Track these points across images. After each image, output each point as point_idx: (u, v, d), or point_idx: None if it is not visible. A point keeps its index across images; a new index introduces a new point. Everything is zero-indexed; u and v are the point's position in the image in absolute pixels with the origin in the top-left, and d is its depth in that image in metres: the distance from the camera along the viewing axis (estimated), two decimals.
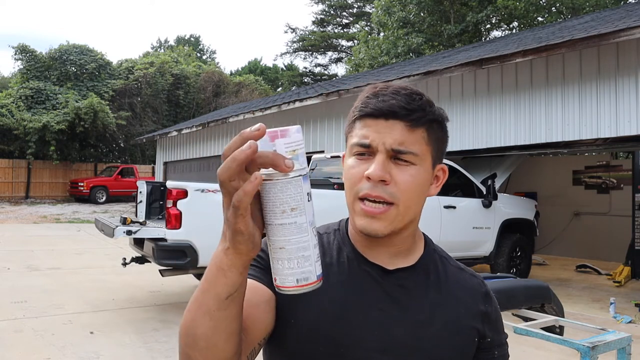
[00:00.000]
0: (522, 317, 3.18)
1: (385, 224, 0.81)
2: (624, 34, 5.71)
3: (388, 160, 0.81)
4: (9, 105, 22.11)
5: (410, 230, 0.88)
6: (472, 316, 0.89)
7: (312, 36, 36.43)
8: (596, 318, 5.74)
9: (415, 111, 0.81)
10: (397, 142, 0.80)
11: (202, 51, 45.86)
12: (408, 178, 0.81)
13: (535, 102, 7.17)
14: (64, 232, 13.58)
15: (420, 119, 0.81)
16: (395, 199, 0.80)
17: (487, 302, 0.93)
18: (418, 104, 0.82)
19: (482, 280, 0.96)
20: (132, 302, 6.13)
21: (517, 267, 7.92)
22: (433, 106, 0.84)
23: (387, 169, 0.80)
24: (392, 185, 0.80)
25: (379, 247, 0.87)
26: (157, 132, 19.63)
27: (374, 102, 0.82)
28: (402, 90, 0.83)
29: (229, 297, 0.66)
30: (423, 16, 22.01)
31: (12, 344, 4.47)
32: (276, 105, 11.41)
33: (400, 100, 0.81)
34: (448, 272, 0.92)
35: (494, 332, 0.92)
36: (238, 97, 29.22)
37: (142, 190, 6.66)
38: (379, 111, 0.81)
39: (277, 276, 0.66)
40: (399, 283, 0.86)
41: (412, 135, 0.81)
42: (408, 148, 0.80)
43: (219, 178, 0.61)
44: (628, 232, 9.08)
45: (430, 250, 0.93)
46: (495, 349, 0.92)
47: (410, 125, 0.81)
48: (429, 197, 0.88)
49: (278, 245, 0.64)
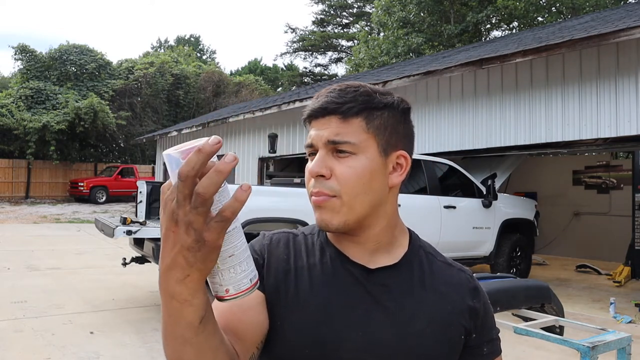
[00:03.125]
0: (522, 317, 3.17)
1: (331, 214, 0.82)
2: (624, 34, 5.70)
3: (329, 155, 0.82)
4: (9, 105, 22.10)
5: (379, 224, 0.86)
6: (458, 312, 0.87)
7: (312, 36, 36.42)
8: (596, 318, 5.74)
9: (346, 103, 0.82)
10: (332, 134, 0.82)
11: (202, 51, 45.86)
12: (346, 169, 0.81)
13: (535, 102, 7.17)
14: (64, 232, 13.58)
15: (352, 109, 0.82)
16: (335, 192, 0.81)
17: (475, 297, 0.91)
18: (350, 96, 0.83)
19: (471, 275, 0.94)
20: (132, 302, 6.13)
21: (517, 267, 7.91)
22: (372, 95, 0.84)
23: (325, 163, 0.82)
24: (332, 179, 0.82)
25: (355, 245, 0.87)
26: (157, 132, 19.62)
27: (312, 103, 0.85)
28: (337, 87, 0.85)
29: (202, 320, 0.63)
30: (423, 16, 22.01)
31: (12, 344, 4.47)
32: (276, 105, 11.41)
33: (333, 96, 0.83)
34: (434, 269, 0.90)
35: (482, 328, 0.90)
36: (238, 97, 29.23)
37: (142, 190, 6.66)
38: (315, 111, 0.84)
39: (231, 285, 0.63)
40: (382, 282, 0.85)
41: (348, 125, 0.82)
42: (343, 138, 0.81)
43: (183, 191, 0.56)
44: (628, 232, 9.08)
45: (415, 247, 0.92)
46: (485, 345, 0.90)
47: (342, 116, 0.82)
48: (427, 197, 0.88)
49: (227, 254, 0.62)
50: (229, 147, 14.24)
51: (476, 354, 0.90)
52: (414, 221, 0.88)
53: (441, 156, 7.77)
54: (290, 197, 5.91)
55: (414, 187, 6.76)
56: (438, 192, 6.84)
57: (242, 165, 13.51)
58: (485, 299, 0.93)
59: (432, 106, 8.54)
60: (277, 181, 7.66)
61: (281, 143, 11.80)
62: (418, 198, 6.58)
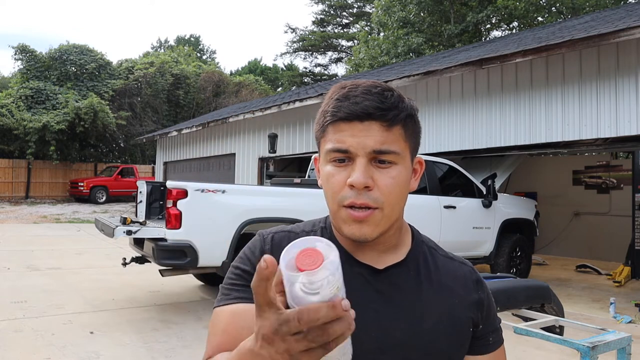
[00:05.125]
0: (522, 317, 3.17)
1: (372, 228, 0.80)
2: (624, 34, 5.70)
3: (369, 164, 0.79)
4: (9, 105, 22.10)
5: (394, 227, 0.86)
6: (466, 306, 0.88)
7: (312, 36, 36.42)
8: (596, 318, 5.73)
9: (390, 110, 0.79)
10: (378, 143, 0.78)
11: (202, 51, 45.86)
12: (390, 181, 0.79)
13: (535, 102, 7.16)
14: (64, 232, 13.58)
15: (396, 117, 0.79)
16: (379, 204, 0.79)
17: (480, 289, 0.92)
18: (391, 101, 0.79)
19: (473, 268, 0.95)
20: (132, 302, 6.13)
21: (517, 267, 7.91)
22: (405, 101, 0.82)
23: (369, 174, 0.78)
24: (375, 190, 0.79)
25: (366, 248, 0.86)
26: (157, 132, 19.62)
27: (347, 104, 0.79)
28: (372, 88, 0.80)
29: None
30: (423, 16, 22.02)
31: (12, 344, 4.47)
32: (276, 105, 11.41)
33: (374, 100, 0.78)
34: (438, 263, 0.91)
35: (488, 319, 0.91)
36: (238, 97, 29.22)
37: (142, 190, 6.66)
38: (353, 114, 0.78)
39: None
40: (391, 281, 0.85)
41: (390, 134, 0.79)
42: (390, 148, 0.79)
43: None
44: (628, 232, 9.07)
45: (418, 242, 0.92)
46: (490, 335, 0.92)
47: (387, 125, 0.79)
48: (427, 197, 0.88)
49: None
50: (229, 147, 14.24)
51: (483, 344, 0.91)
52: (414, 221, 0.88)
53: (441, 156, 7.77)
54: (291, 197, 5.91)
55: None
56: (438, 192, 6.84)
57: (242, 165, 13.51)
58: (488, 290, 0.94)
59: (432, 106, 8.54)
60: (277, 181, 7.66)
61: (281, 143, 11.80)
62: (418, 198, 6.58)
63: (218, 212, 5.36)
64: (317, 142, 0.87)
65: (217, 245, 5.26)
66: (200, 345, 4.53)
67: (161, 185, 6.68)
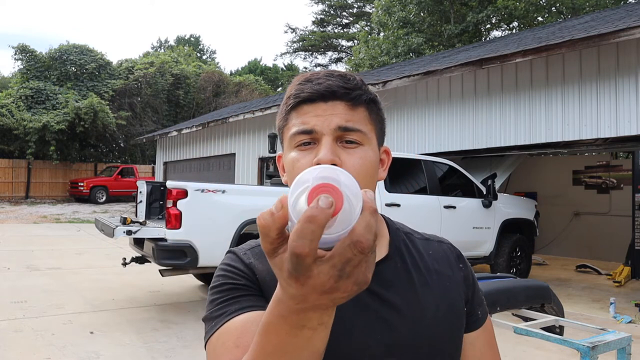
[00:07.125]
0: (522, 317, 3.17)
1: None
2: (624, 34, 5.71)
3: (335, 143, 0.75)
4: (9, 105, 22.10)
5: None
6: (456, 285, 0.87)
7: (312, 36, 36.42)
8: (596, 318, 5.74)
9: (354, 89, 0.77)
10: (343, 120, 0.75)
11: (202, 51, 45.86)
12: (358, 161, 0.76)
13: (535, 102, 7.16)
14: (64, 232, 13.58)
15: (360, 97, 0.78)
16: None
17: (462, 263, 0.91)
18: (354, 83, 0.78)
19: (450, 243, 0.94)
20: (132, 302, 6.13)
21: (517, 267, 7.91)
22: (367, 86, 0.81)
23: (336, 153, 0.75)
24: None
25: None
26: (157, 132, 19.63)
27: (309, 85, 0.77)
28: (334, 72, 0.79)
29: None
30: (423, 16, 22.02)
31: (12, 344, 4.47)
32: (276, 105, 11.41)
33: (337, 80, 0.77)
34: (420, 249, 0.89)
35: (474, 293, 0.90)
36: (238, 97, 29.22)
37: (142, 190, 6.66)
38: (316, 93, 0.76)
39: None
40: (382, 278, 0.82)
41: (355, 114, 0.77)
42: (355, 125, 0.76)
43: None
44: (628, 232, 9.08)
45: (394, 231, 0.89)
46: (478, 308, 0.90)
47: (351, 103, 0.77)
48: (427, 197, 0.87)
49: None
50: (229, 147, 14.25)
51: (474, 320, 0.89)
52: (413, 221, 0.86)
53: (441, 156, 7.76)
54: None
55: (414, 187, 6.76)
56: (438, 192, 6.84)
57: (242, 165, 13.52)
58: (468, 263, 0.93)
59: (432, 106, 8.54)
60: (277, 181, 7.65)
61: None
62: (418, 198, 6.58)
63: (218, 212, 5.37)
64: (280, 135, 0.84)
65: (217, 245, 5.26)
66: (200, 345, 4.53)
67: (161, 185, 6.69)
